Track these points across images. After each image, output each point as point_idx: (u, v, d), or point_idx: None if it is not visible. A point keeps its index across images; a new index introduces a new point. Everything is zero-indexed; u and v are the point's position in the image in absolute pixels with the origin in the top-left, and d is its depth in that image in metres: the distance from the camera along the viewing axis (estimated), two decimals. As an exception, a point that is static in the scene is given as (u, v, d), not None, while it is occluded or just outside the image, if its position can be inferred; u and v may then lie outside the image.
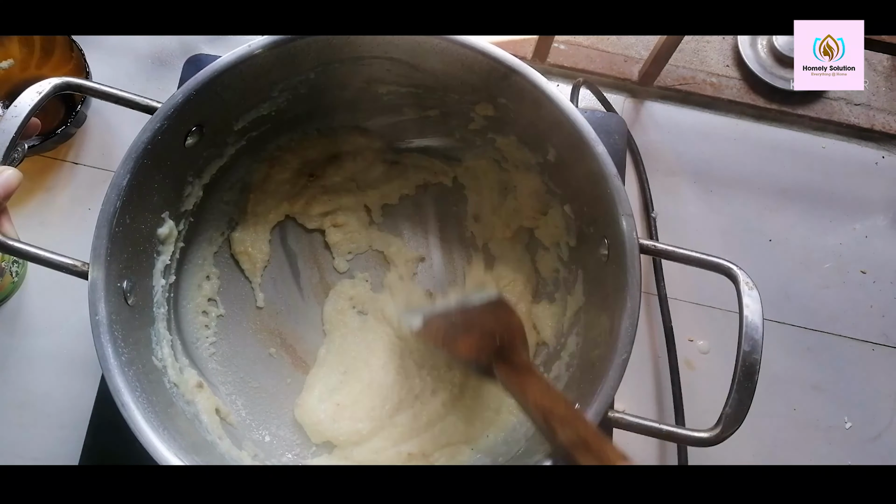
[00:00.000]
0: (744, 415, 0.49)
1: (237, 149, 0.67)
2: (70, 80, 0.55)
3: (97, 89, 0.56)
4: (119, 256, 0.54)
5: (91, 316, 0.50)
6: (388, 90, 0.67)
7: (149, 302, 0.61)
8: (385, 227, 0.77)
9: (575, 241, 0.66)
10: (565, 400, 0.50)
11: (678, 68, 0.87)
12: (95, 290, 0.51)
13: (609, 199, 0.55)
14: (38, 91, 0.54)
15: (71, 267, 0.52)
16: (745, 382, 0.49)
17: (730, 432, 0.49)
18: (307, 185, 0.75)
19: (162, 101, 0.56)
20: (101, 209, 0.53)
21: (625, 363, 0.51)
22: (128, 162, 0.54)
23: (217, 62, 0.57)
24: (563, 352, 0.66)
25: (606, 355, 0.53)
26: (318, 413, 0.67)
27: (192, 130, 0.59)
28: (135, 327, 0.56)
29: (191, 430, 0.57)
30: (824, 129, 0.87)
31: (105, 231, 0.52)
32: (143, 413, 0.49)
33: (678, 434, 0.51)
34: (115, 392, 0.49)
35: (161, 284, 0.63)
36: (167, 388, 0.58)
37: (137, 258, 0.58)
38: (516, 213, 0.73)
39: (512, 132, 0.66)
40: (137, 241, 0.58)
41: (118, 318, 0.52)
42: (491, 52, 0.58)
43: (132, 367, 0.52)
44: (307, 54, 0.60)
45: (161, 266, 0.62)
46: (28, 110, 0.53)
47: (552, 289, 0.72)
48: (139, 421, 0.49)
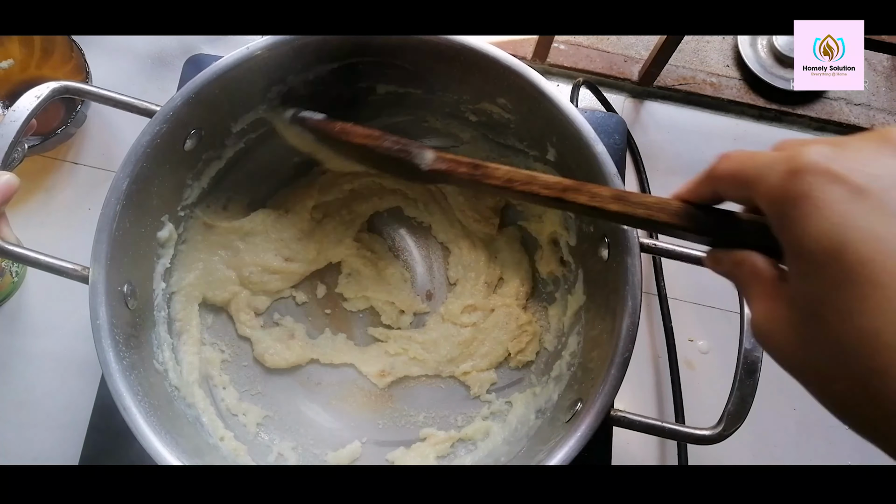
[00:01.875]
0: (745, 412, 0.49)
1: (236, 151, 0.67)
2: (69, 83, 0.56)
3: (96, 93, 0.56)
4: (119, 260, 0.54)
5: (92, 320, 0.51)
6: (388, 90, 0.67)
7: (149, 305, 0.61)
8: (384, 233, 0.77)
9: (575, 239, 0.66)
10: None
11: (678, 68, 0.87)
12: (96, 294, 0.51)
13: None
14: (36, 95, 0.54)
15: (71, 272, 0.52)
16: (747, 380, 0.50)
17: (732, 430, 0.49)
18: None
19: (161, 105, 0.56)
20: (101, 213, 0.53)
21: (626, 362, 0.52)
22: (127, 165, 0.54)
23: (215, 65, 0.57)
24: (565, 351, 0.66)
25: (608, 354, 0.53)
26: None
27: (191, 133, 0.59)
28: (136, 331, 0.56)
29: (192, 434, 0.58)
30: (824, 129, 0.87)
31: (105, 235, 0.52)
32: (146, 417, 0.49)
33: (680, 432, 0.51)
34: (116, 396, 0.49)
35: (161, 288, 0.62)
36: (168, 392, 0.58)
37: (137, 262, 0.58)
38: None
39: (511, 132, 0.66)
40: (137, 245, 0.58)
41: (119, 322, 0.52)
42: (490, 52, 0.58)
43: (134, 371, 0.52)
44: (305, 56, 0.60)
45: (161, 269, 0.62)
46: (27, 115, 0.53)
47: (552, 288, 0.72)
48: (141, 425, 0.49)
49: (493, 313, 0.72)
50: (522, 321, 0.71)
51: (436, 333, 0.72)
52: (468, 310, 0.73)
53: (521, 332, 0.71)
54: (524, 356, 0.71)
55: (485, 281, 0.73)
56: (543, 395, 0.65)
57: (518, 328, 0.71)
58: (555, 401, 0.62)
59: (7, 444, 0.70)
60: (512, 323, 0.71)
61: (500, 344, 0.71)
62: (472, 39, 0.58)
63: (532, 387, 0.68)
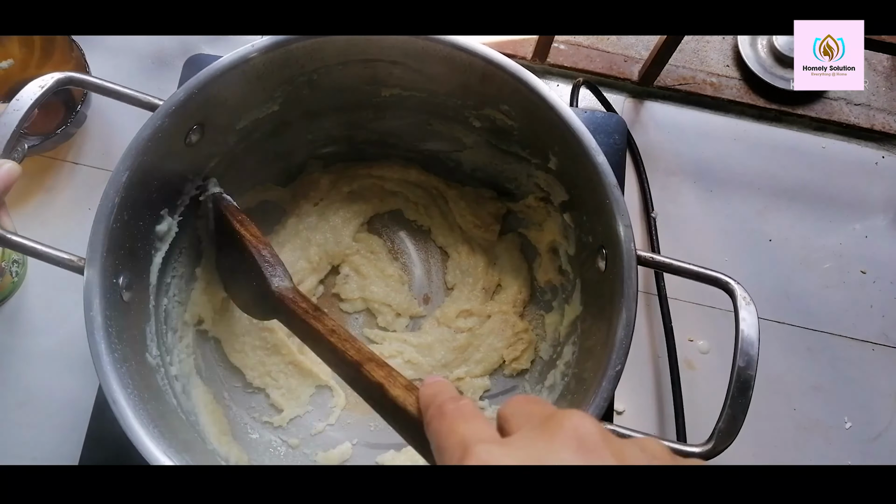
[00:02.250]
0: (737, 430, 0.48)
1: (239, 149, 0.67)
2: (73, 75, 0.55)
3: (100, 85, 0.56)
4: (116, 252, 0.53)
5: (86, 311, 0.50)
6: (391, 93, 0.67)
7: (145, 299, 0.60)
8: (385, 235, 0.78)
9: (574, 249, 0.66)
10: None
11: (678, 68, 0.87)
12: (91, 285, 0.51)
13: (608, 209, 0.55)
14: (40, 85, 0.53)
15: (67, 262, 0.51)
16: (739, 398, 0.49)
17: (722, 447, 0.49)
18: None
19: (163, 99, 0.55)
20: (100, 204, 0.52)
21: (618, 375, 0.51)
22: (127, 159, 0.53)
23: (220, 61, 0.56)
24: (559, 360, 0.66)
25: (600, 366, 0.52)
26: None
27: (194, 129, 0.59)
28: (130, 324, 0.56)
29: (183, 428, 0.57)
30: (824, 129, 0.87)
31: (102, 227, 0.52)
32: (134, 410, 0.49)
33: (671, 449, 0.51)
34: (106, 389, 0.49)
35: (157, 282, 0.62)
36: (160, 386, 0.58)
37: (134, 255, 0.58)
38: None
39: (514, 139, 0.66)
40: (135, 238, 0.57)
41: (113, 314, 0.52)
42: (494, 58, 0.58)
43: (125, 363, 0.51)
44: (309, 56, 0.60)
45: (158, 263, 0.62)
46: (30, 104, 0.52)
47: (550, 296, 0.71)
48: (129, 418, 0.48)
49: (489, 319, 0.72)
50: (518, 329, 0.71)
51: (431, 337, 0.72)
52: (464, 314, 0.73)
53: (516, 339, 0.71)
54: (519, 364, 0.70)
55: (482, 286, 0.73)
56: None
57: (514, 335, 0.71)
58: (548, 411, 0.62)
59: (7, 444, 0.70)
60: (508, 330, 0.71)
61: (494, 351, 0.71)
62: (478, 45, 0.58)
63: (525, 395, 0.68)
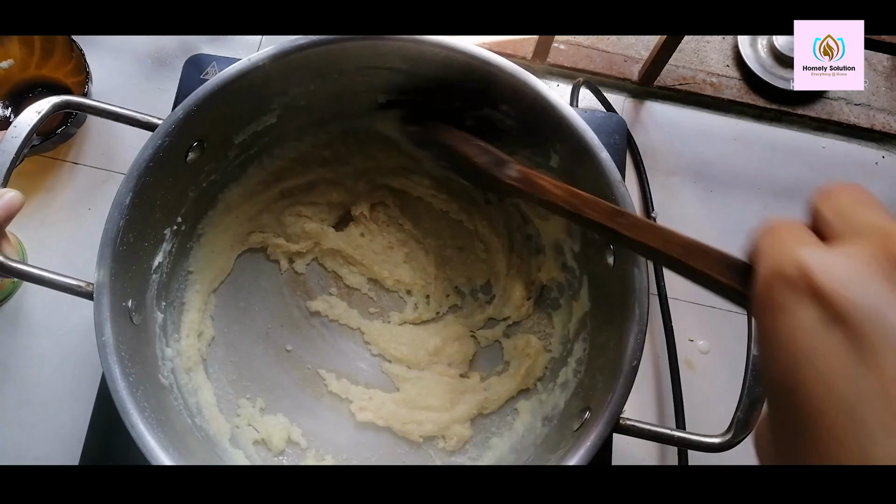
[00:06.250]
0: (755, 419, 0.49)
1: (238, 162, 0.67)
2: (70, 98, 0.56)
3: (97, 107, 0.56)
4: (123, 275, 0.54)
5: (97, 337, 0.50)
6: (389, 99, 0.66)
7: (153, 320, 0.61)
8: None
9: (579, 246, 0.66)
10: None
11: (678, 68, 0.87)
12: (101, 311, 0.51)
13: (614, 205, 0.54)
14: (37, 111, 0.54)
15: (76, 288, 0.52)
16: (756, 387, 0.49)
17: (741, 437, 0.49)
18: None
19: (162, 118, 0.56)
20: (105, 228, 0.53)
21: (635, 370, 0.51)
22: (130, 180, 0.54)
23: (217, 77, 0.56)
24: (570, 358, 0.66)
25: (616, 362, 0.52)
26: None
27: (193, 146, 0.59)
28: (141, 346, 0.56)
29: (200, 448, 0.57)
30: (824, 129, 0.87)
31: (109, 251, 0.52)
32: (153, 434, 0.49)
33: (690, 440, 0.51)
34: (123, 413, 0.49)
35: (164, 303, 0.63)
36: (174, 406, 0.58)
37: (141, 276, 0.58)
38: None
39: (515, 139, 0.66)
40: (141, 259, 0.58)
41: (124, 337, 0.52)
42: (492, 59, 0.58)
43: (140, 386, 0.52)
44: (307, 66, 0.59)
45: (164, 281, 0.62)
46: (28, 130, 0.53)
47: (556, 294, 0.71)
48: (150, 442, 0.48)
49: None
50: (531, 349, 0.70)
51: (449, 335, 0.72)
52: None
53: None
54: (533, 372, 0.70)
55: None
56: (549, 403, 0.65)
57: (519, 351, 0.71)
58: (561, 408, 0.62)
59: (7, 444, 0.70)
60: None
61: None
62: (475, 48, 0.58)
63: (538, 394, 0.68)
